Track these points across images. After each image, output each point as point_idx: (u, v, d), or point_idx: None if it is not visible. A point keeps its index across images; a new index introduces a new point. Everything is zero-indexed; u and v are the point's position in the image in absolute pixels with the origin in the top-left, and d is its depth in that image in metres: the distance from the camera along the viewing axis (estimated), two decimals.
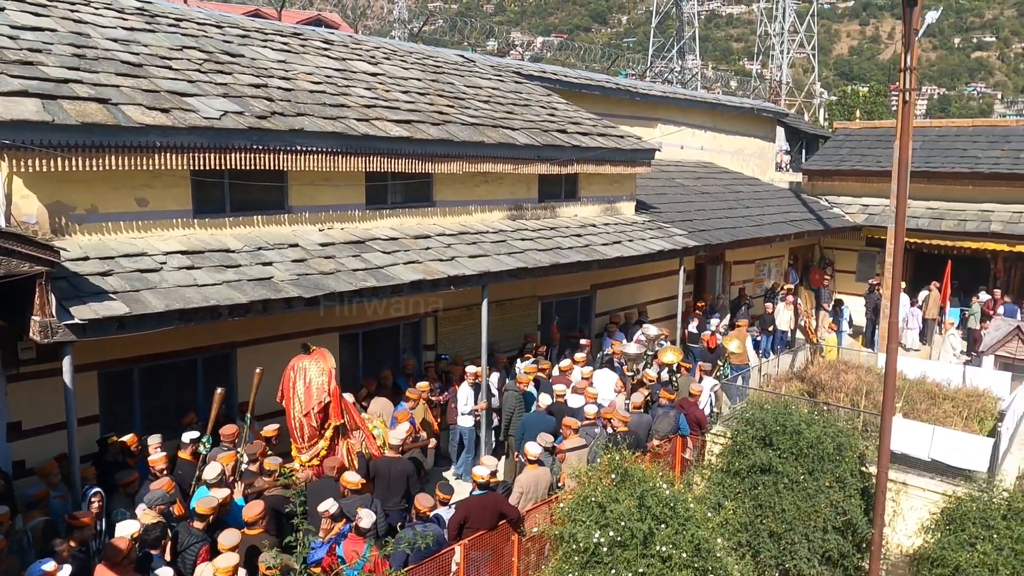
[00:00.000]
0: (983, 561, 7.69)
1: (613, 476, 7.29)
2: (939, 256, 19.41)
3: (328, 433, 8.11)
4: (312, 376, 8.04)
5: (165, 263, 7.92)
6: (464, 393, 11.03)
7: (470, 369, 10.96)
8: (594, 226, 13.80)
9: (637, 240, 13.68)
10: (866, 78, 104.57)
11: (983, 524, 8.00)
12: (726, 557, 7.13)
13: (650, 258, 13.49)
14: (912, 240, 19.42)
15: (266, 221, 9.62)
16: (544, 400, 10.36)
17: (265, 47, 12.07)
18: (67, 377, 6.68)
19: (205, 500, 6.97)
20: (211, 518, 6.80)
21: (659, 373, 12.41)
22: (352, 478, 7.58)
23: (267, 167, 9.07)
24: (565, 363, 12.28)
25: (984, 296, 18.70)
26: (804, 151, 30.68)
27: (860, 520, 8.59)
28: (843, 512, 8.54)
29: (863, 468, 9.08)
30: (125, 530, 6.18)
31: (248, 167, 8.88)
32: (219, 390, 8.27)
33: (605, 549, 6.69)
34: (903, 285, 17.94)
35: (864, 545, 8.73)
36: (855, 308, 20.26)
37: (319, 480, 7.88)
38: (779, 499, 8.44)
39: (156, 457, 7.63)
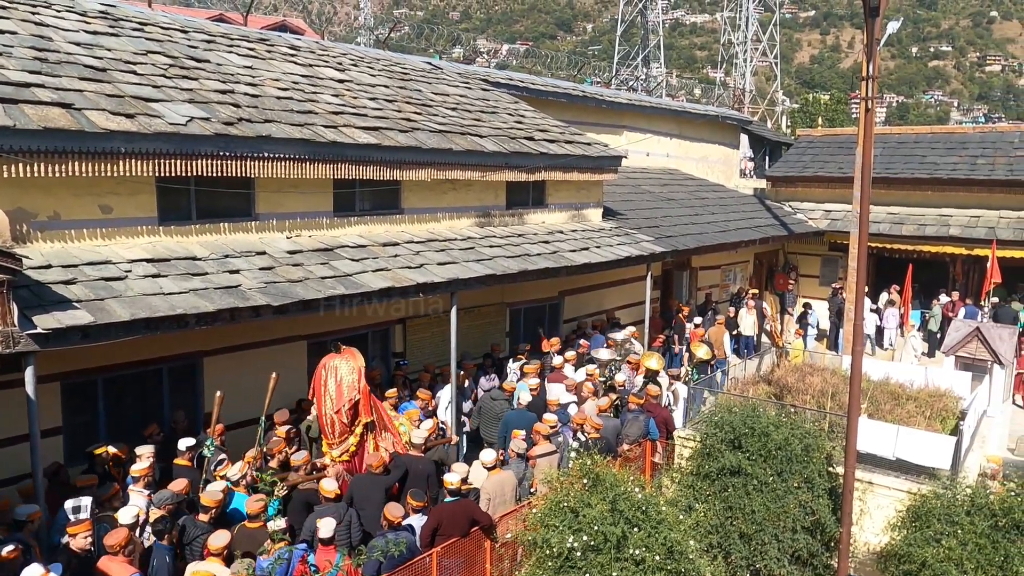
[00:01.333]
0: (948, 556, 7.83)
1: (585, 481, 7.32)
2: (900, 260, 19.81)
3: (358, 430, 8.42)
4: (343, 374, 8.41)
5: (130, 271, 7.78)
6: (445, 394, 10.99)
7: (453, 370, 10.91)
8: (562, 232, 13.85)
9: (605, 246, 13.75)
10: (827, 86, 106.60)
11: (948, 520, 8.14)
12: (698, 559, 7.19)
13: (617, 264, 13.56)
14: (874, 244, 19.81)
15: (233, 228, 9.51)
16: (524, 397, 10.37)
17: (231, 52, 11.95)
18: (30, 388, 6.53)
19: (210, 492, 7.08)
20: (215, 511, 6.97)
21: (631, 379, 12.46)
22: (329, 486, 7.53)
23: (234, 174, 8.98)
24: (558, 360, 12.33)
25: (944, 299, 19.14)
26: (768, 158, 31.15)
27: (828, 519, 8.70)
28: (811, 512, 8.64)
29: (830, 468, 9.18)
30: (124, 517, 6.48)
31: (215, 174, 8.78)
32: (219, 393, 8.20)
33: (579, 554, 6.71)
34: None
35: (832, 544, 8.84)
36: (819, 312, 20.59)
37: (359, 476, 8.16)
38: (749, 500, 8.51)
39: (142, 466, 7.49)
